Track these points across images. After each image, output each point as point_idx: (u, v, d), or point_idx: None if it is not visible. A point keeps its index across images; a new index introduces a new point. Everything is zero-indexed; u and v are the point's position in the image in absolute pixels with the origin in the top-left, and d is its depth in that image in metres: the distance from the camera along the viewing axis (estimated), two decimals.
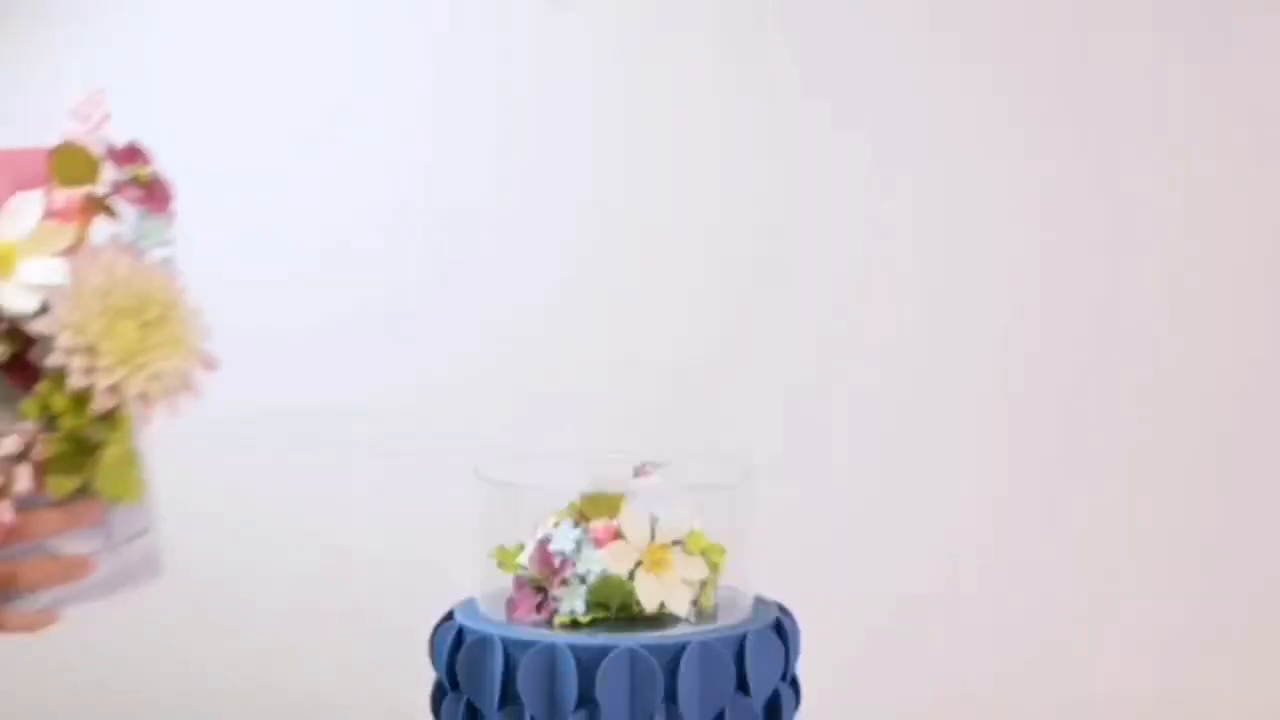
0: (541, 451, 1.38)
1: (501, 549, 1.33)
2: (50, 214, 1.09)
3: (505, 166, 2.04)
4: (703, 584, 1.29)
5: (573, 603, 1.26)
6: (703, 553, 1.30)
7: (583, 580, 1.27)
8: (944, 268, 1.92)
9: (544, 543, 1.29)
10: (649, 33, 1.98)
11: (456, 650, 1.28)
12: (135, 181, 1.13)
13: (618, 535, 1.27)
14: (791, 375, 1.96)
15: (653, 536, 1.28)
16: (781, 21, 1.95)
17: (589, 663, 1.21)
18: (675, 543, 1.28)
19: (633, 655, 1.21)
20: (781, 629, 1.30)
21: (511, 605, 1.30)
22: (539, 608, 1.28)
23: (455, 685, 1.29)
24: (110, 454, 1.07)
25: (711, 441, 1.87)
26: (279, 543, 2.12)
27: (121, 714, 2.17)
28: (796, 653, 1.32)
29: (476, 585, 1.35)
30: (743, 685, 1.24)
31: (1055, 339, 1.89)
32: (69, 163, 1.11)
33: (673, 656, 1.22)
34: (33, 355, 1.06)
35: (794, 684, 1.33)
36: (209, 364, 1.11)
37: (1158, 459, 1.87)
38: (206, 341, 1.11)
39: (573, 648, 1.21)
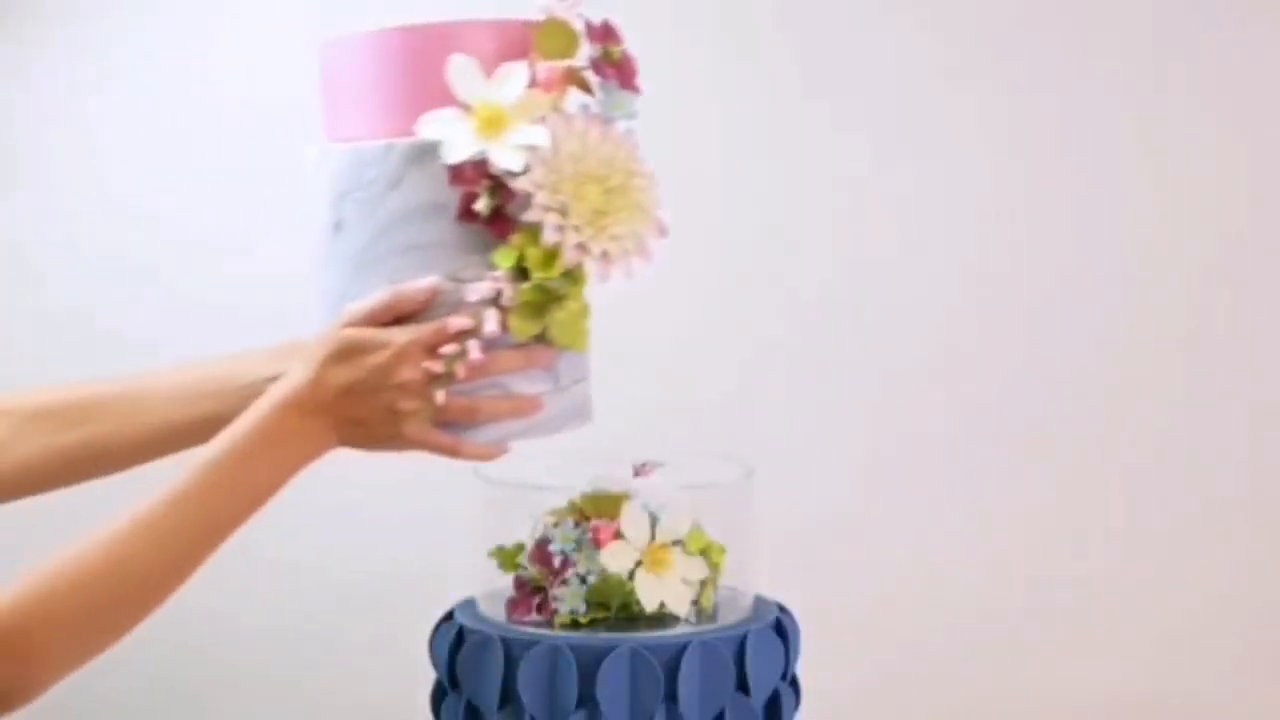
0: (541, 451, 1.38)
1: (501, 549, 1.32)
2: (532, 83, 1.17)
3: None
4: (703, 584, 1.29)
5: (573, 603, 1.26)
6: (702, 552, 1.29)
7: (583, 580, 1.27)
8: (943, 267, 1.92)
9: (544, 543, 1.29)
10: (649, 32, 1.97)
11: (457, 650, 1.28)
12: (607, 58, 1.20)
13: (618, 535, 1.27)
14: (791, 374, 1.96)
15: (653, 536, 1.27)
16: (781, 21, 1.95)
17: (589, 663, 1.20)
18: (675, 543, 1.28)
19: (633, 655, 1.21)
20: (782, 629, 1.30)
21: (511, 605, 1.30)
22: (539, 608, 1.28)
23: (455, 685, 1.29)
24: (569, 306, 1.18)
25: (711, 441, 1.87)
26: (279, 542, 2.12)
27: (120, 712, 2.17)
28: (797, 652, 1.32)
29: (476, 585, 1.35)
30: (743, 685, 1.24)
31: (1057, 339, 1.89)
32: (552, 37, 1.19)
33: (673, 656, 1.22)
34: (510, 210, 1.15)
35: (794, 684, 1.33)
36: (663, 230, 1.20)
37: (1157, 461, 1.87)
38: (661, 210, 1.20)
39: (573, 647, 1.21)
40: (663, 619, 1.27)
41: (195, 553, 1.17)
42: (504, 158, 1.14)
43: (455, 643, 1.28)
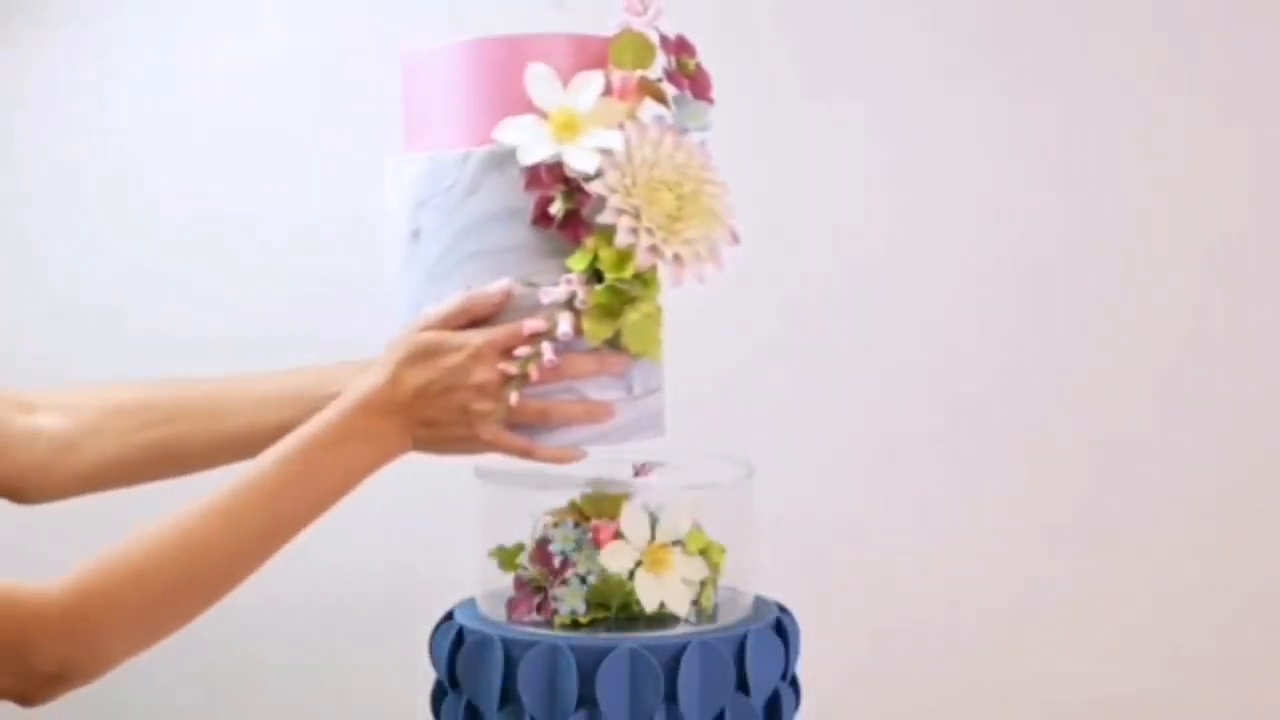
0: None
1: (501, 549, 1.32)
2: (608, 92, 1.21)
3: None
4: (703, 584, 1.29)
5: (573, 603, 1.26)
6: (702, 552, 1.29)
7: (583, 580, 1.27)
8: (943, 267, 1.92)
9: (543, 543, 1.29)
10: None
11: (457, 650, 1.28)
12: (682, 70, 1.24)
13: (618, 535, 1.27)
14: (791, 374, 1.96)
15: (653, 536, 1.27)
16: (781, 21, 1.95)
17: (589, 663, 1.20)
18: (675, 543, 1.28)
19: (632, 655, 1.21)
20: (782, 629, 1.30)
21: (511, 605, 1.30)
22: (539, 608, 1.28)
23: (455, 685, 1.29)
24: (641, 310, 1.20)
25: (711, 441, 1.87)
26: None
27: (118, 710, 2.17)
28: (797, 653, 1.32)
29: (476, 585, 1.35)
30: (743, 685, 1.24)
31: (1056, 338, 1.89)
32: (628, 49, 1.23)
33: (673, 656, 1.22)
34: (584, 213, 1.19)
35: (794, 684, 1.33)
36: (735, 238, 1.23)
37: (1158, 462, 1.87)
38: (733, 219, 1.23)
39: (572, 648, 1.21)
40: (663, 619, 1.27)
41: (262, 545, 1.19)
42: (579, 160, 1.17)
43: (455, 643, 1.28)
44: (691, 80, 1.24)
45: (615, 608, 1.26)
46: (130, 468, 1.32)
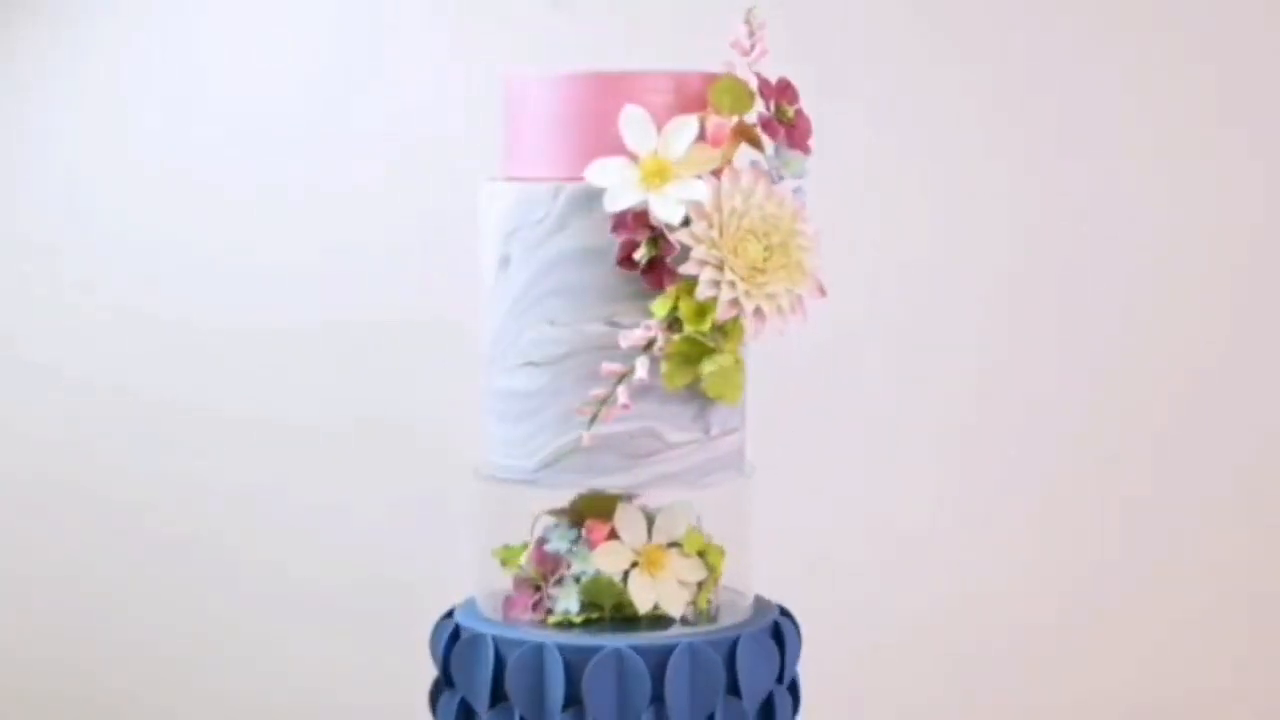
0: None
1: (507, 548, 1.33)
2: (702, 136, 1.20)
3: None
4: (700, 585, 1.29)
5: (566, 602, 1.26)
6: (700, 554, 1.29)
7: (577, 580, 1.27)
8: (944, 266, 1.92)
9: (541, 542, 1.30)
10: (649, 33, 1.98)
11: (452, 648, 1.28)
12: (780, 116, 1.23)
13: (612, 535, 1.27)
14: (792, 375, 1.96)
15: (649, 537, 1.27)
16: (782, 21, 1.95)
17: (577, 663, 1.20)
18: (672, 544, 1.28)
19: (620, 656, 1.21)
20: (779, 631, 1.29)
21: (508, 603, 1.30)
22: (534, 606, 1.28)
23: (451, 682, 1.29)
24: (720, 360, 1.20)
25: None
26: (281, 542, 2.12)
27: (117, 713, 2.18)
28: (795, 656, 1.31)
29: (482, 584, 1.35)
30: (734, 688, 1.24)
31: (1057, 336, 1.89)
32: (728, 93, 1.21)
33: (661, 658, 1.21)
34: (669, 261, 1.18)
35: (792, 687, 1.32)
36: (821, 290, 1.24)
37: (1162, 465, 1.86)
38: (821, 271, 1.23)
39: (561, 647, 1.21)
40: (660, 620, 1.26)
41: None
42: (664, 209, 1.17)
43: (450, 640, 1.29)
44: (789, 128, 1.23)
45: (609, 608, 1.26)
46: None
